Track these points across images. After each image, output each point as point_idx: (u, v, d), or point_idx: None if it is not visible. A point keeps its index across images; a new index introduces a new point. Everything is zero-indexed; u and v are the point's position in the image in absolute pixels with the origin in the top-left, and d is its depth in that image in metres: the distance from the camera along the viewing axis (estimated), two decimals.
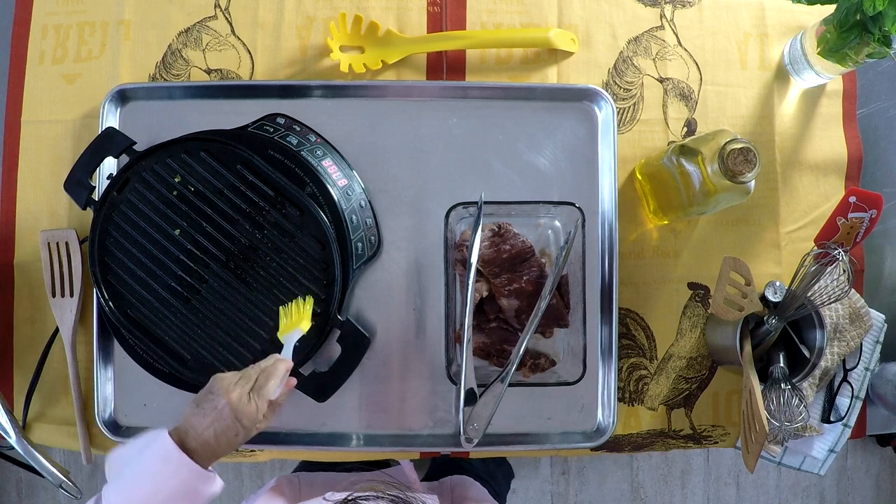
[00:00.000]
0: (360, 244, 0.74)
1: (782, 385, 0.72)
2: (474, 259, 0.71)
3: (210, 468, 0.59)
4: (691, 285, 0.81)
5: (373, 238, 0.77)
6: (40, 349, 0.78)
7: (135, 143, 0.72)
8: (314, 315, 0.70)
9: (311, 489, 0.82)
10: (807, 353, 0.75)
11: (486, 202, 0.73)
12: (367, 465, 0.87)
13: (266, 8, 0.82)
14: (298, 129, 0.77)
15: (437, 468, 1.04)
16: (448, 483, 0.88)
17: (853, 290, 0.78)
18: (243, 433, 0.60)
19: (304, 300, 0.70)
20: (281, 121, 0.77)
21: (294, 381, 0.66)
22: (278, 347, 0.69)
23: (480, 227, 0.72)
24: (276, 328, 0.69)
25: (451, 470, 0.98)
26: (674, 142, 0.82)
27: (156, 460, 0.58)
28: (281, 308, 0.70)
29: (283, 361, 0.64)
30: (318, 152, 0.75)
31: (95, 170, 0.73)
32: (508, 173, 0.79)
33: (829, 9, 0.72)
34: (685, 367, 0.81)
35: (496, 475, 1.08)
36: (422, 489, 0.81)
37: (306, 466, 1.01)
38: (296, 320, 0.69)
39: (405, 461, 0.81)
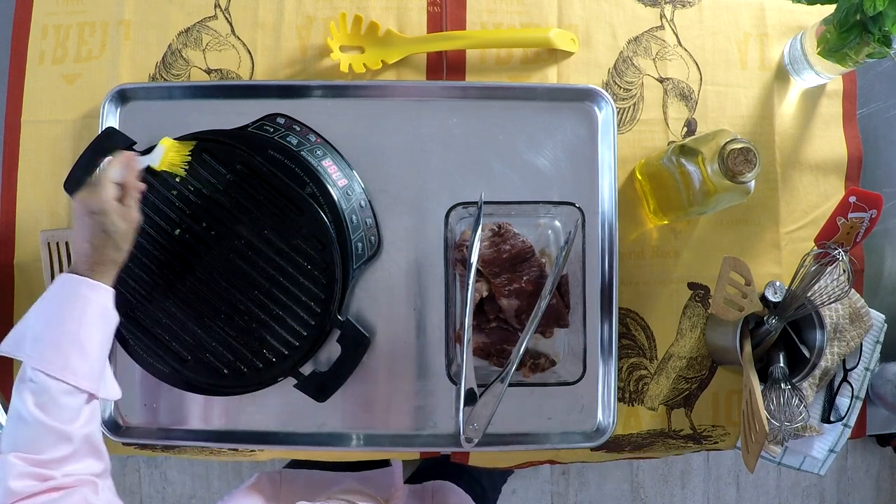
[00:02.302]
0: (360, 244, 0.74)
1: (782, 385, 0.72)
2: (474, 259, 0.71)
3: (94, 279, 0.60)
4: (691, 285, 0.81)
5: (373, 238, 0.77)
6: None
7: (135, 143, 0.72)
8: (315, 315, 0.70)
9: (292, 487, 0.81)
10: (807, 353, 0.75)
11: (486, 202, 0.73)
12: (356, 463, 0.87)
13: (266, 8, 0.82)
14: (298, 129, 0.77)
15: (427, 462, 1.04)
16: (430, 487, 0.89)
17: (853, 290, 0.78)
18: (108, 224, 0.61)
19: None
20: (281, 121, 0.77)
21: (137, 159, 0.67)
22: (278, 348, 0.69)
23: (480, 227, 0.72)
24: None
25: (438, 465, 0.98)
26: (674, 142, 0.82)
27: (61, 296, 0.59)
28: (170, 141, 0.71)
29: (124, 154, 0.66)
30: (318, 152, 0.75)
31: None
32: (508, 173, 0.79)
33: (829, 9, 0.72)
34: (685, 367, 0.81)
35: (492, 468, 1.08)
36: (404, 495, 0.81)
37: (296, 462, 1.01)
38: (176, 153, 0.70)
39: (396, 462, 0.81)
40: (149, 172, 0.71)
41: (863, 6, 0.66)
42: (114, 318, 0.62)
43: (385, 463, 0.84)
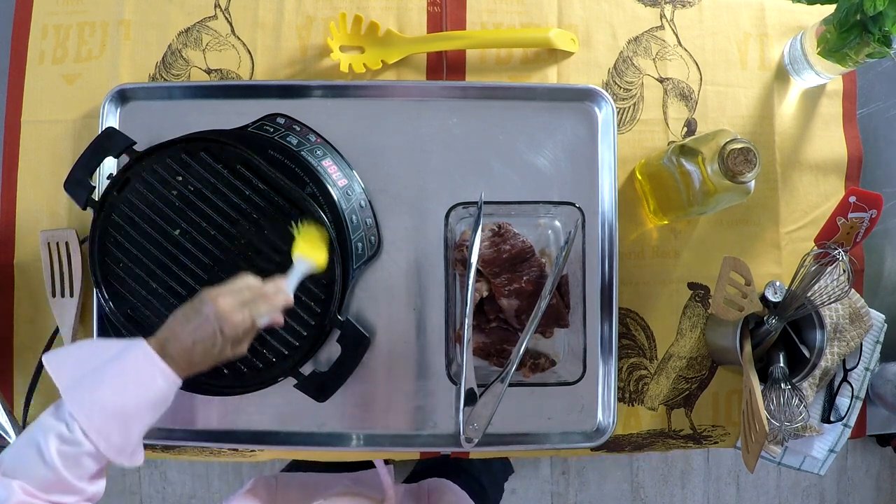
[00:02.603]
0: (360, 244, 0.74)
1: (782, 385, 0.72)
2: (474, 259, 0.71)
3: (173, 370, 0.57)
4: (691, 285, 0.81)
5: (373, 238, 0.77)
6: (40, 349, 0.78)
7: (135, 143, 0.72)
8: (315, 315, 0.70)
9: (287, 490, 0.81)
10: (807, 353, 0.75)
11: (486, 202, 0.73)
12: (355, 468, 0.87)
13: (266, 8, 0.82)
14: (298, 129, 0.77)
15: (426, 461, 1.04)
16: (426, 486, 0.88)
17: (853, 290, 0.78)
18: (220, 346, 0.59)
19: (318, 228, 0.68)
20: (281, 121, 0.77)
21: (282, 321, 0.64)
22: (278, 348, 0.69)
23: (480, 227, 0.72)
24: (277, 329, 0.69)
25: (437, 464, 0.98)
26: (674, 142, 0.82)
27: (134, 368, 0.56)
28: (296, 225, 0.68)
29: (284, 294, 0.63)
30: (318, 152, 0.75)
31: (95, 170, 0.72)
32: (508, 173, 0.79)
33: (829, 9, 0.72)
34: (685, 367, 0.81)
35: (492, 465, 1.08)
36: (398, 494, 0.81)
37: (294, 464, 1.01)
38: (310, 248, 0.67)
39: (380, 463, 0.80)
40: (147, 171, 0.71)
41: (863, 6, 0.66)
42: (167, 405, 0.59)
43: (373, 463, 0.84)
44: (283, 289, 0.64)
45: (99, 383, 0.55)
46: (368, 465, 0.86)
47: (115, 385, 0.55)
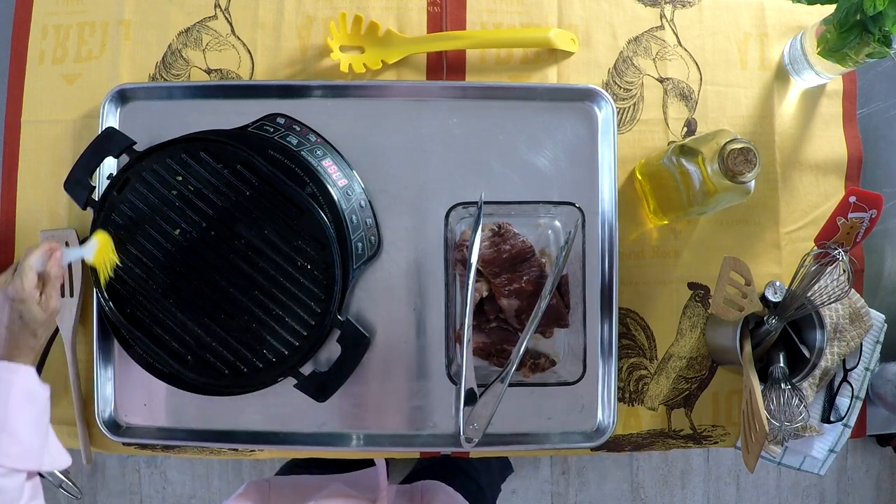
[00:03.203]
0: (360, 244, 0.74)
1: (782, 385, 0.72)
2: (474, 259, 0.71)
3: (16, 361, 0.60)
4: (691, 285, 0.81)
5: (373, 238, 0.77)
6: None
7: (135, 143, 0.72)
8: (315, 315, 0.70)
9: (280, 493, 0.81)
10: (807, 353, 0.75)
11: (486, 202, 0.73)
12: (347, 461, 0.87)
13: (266, 8, 0.82)
14: (298, 129, 0.77)
15: (423, 462, 1.04)
16: (419, 487, 0.88)
17: (853, 290, 0.78)
18: (26, 313, 0.61)
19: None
20: (281, 121, 0.77)
21: (59, 250, 0.65)
22: (278, 348, 0.69)
23: (480, 227, 0.72)
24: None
25: (433, 465, 0.98)
26: (674, 142, 0.82)
27: None
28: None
29: (47, 240, 0.65)
30: (318, 152, 0.75)
31: (95, 170, 0.72)
32: (508, 173, 0.79)
33: (829, 9, 0.72)
34: (685, 367, 0.81)
35: (491, 465, 1.08)
36: (390, 494, 0.81)
37: (296, 460, 1.00)
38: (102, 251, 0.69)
39: (380, 462, 0.81)
40: (147, 171, 0.71)
41: (863, 6, 0.66)
42: (42, 396, 0.61)
43: (372, 462, 0.84)
44: (46, 243, 0.65)
45: None
46: (368, 464, 0.86)
47: None
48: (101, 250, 0.69)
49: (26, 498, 0.57)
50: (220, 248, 0.71)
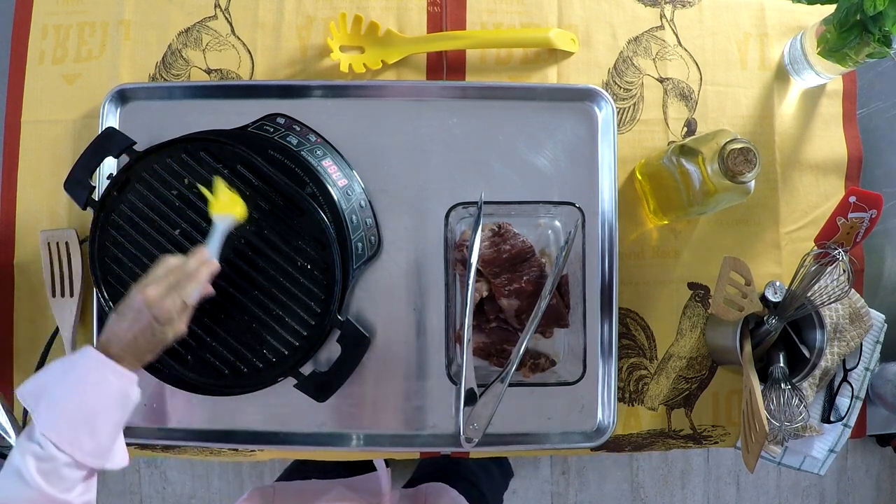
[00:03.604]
0: (360, 244, 0.74)
1: (782, 385, 0.72)
2: (474, 259, 0.71)
3: (123, 366, 0.60)
4: (691, 285, 0.81)
5: (373, 238, 0.77)
6: (40, 349, 0.78)
7: (135, 143, 0.72)
8: (315, 315, 0.70)
9: (284, 498, 0.81)
10: (807, 353, 0.75)
11: (486, 202, 0.73)
12: (357, 469, 0.87)
13: (266, 8, 0.82)
14: (298, 129, 0.77)
15: (424, 468, 1.04)
16: (423, 490, 0.88)
17: (853, 290, 0.78)
18: (159, 332, 0.61)
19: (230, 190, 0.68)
20: (281, 121, 0.77)
21: (213, 291, 0.65)
22: (278, 348, 0.68)
23: (480, 227, 0.72)
24: (277, 329, 0.69)
25: (436, 470, 0.97)
26: (674, 142, 0.82)
27: (85, 373, 0.58)
28: (206, 187, 0.68)
29: (206, 266, 0.64)
30: (318, 152, 0.75)
31: (95, 170, 0.72)
32: (508, 173, 0.79)
33: (829, 9, 0.72)
34: (685, 367, 0.81)
35: (492, 472, 1.08)
36: (394, 498, 0.81)
37: (298, 465, 1.00)
38: (225, 203, 0.67)
39: (381, 467, 0.81)
40: (147, 171, 0.71)
41: (863, 6, 0.66)
42: (132, 402, 0.61)
43: (373, 466, 0.83)
44: (206, 258, 0.65)
45: (59, 396, 0.57)
46: (370, 468, 0.86)
47: (72, 393, 0.57)
48: (223, 204, 0.67)
49: (80, 490, 0.57)
50: (220, 248, 0.71)
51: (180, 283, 0.62)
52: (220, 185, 0.68)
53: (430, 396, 0.78)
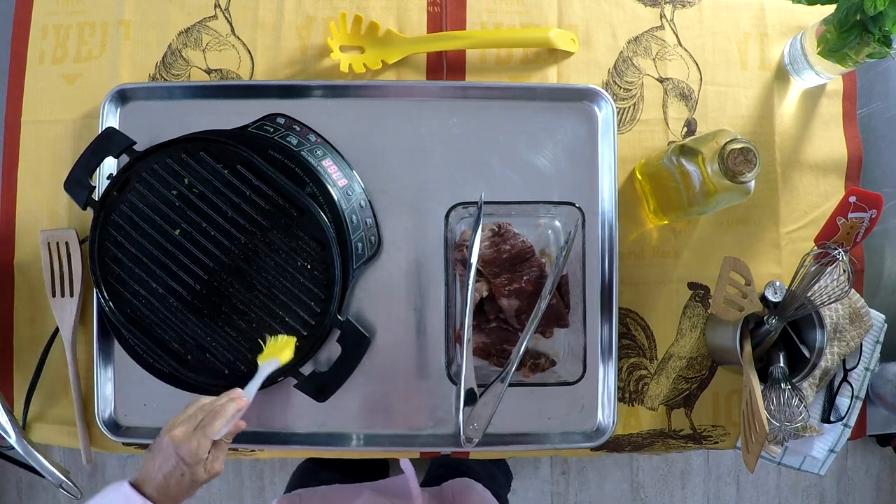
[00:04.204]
0: (360, 244, 0.74)
1: (782, 385, 0.72)
2: (474, 259, 0.71)
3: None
4: (691, 285, 0.81)
5: (373, 238, 0.77)
6: (40, 349, 0.78)
7: (135, 143, 0.72)
8: (315, 315, 0.70)
9: None
10: (807, 353, 0.75)
11: (486, 202, 0.73)
12: (368, 467, 0.87)
13: (266, 8, 0.82)
14: (298, 129, 0.77)
15: (436, 469, 1.04)
16: (449, 489, 0.88)
17: (853, 290, 0.78)
18: (189, 474, 0.59)
19: (287, 338, 0.70)
20: (281, 121, 0.77)
21: (243, 424, 0.63)
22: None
23: (480, 227, 0.72)
24: (264, 340, 0.70)
25: (451, 471, 0.97)
26: (674, 142, 0.82)
27: None
28: (269, 337, 0.70)
29: (234, 401, 0.62)
30: (318, 152, 0.75)
31: (95, 170, 0.73)
32: (508, 173, 0.79)
33: (829, 9, 0.72)
34: (685, 367, 0.81)
35: (496, 475, 1.08)
36: (423, 499, 0.81)
37: (313, 463, 1.00)
38: (275, 350, 0.68)
39: (409, 469, 0.80)
40: (147, 171, 0.71)
41: (863, 6, 0.66)
42: None
43: (386, 462, 0.83)
44: (238, 396, 0.63)
45: None
46: (381, 463, 0.85)
47: None
48: (277, 351, 0.68)
49: None
50: (220, 249, 0.71)
51: (206, 420, 0.60)
52: (277, 341, 0.69)
53: (430, 396, 0.78)
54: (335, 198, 0.71)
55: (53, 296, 0.77)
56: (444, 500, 0.86)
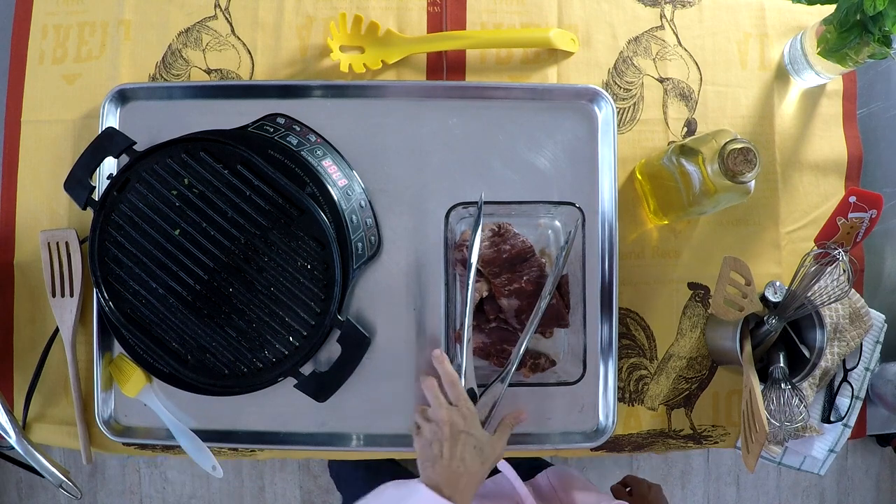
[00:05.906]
0: (360, 244, 0.74)
1: (782, 385, 0.72)
2: (474, 259, 0.71)
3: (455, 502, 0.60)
4: (691, 285, 0.81)
5: (373, 238, 0.77)
6: (40, 349, 0.78)
7: (135, 143, 0.72)
8: (315, 315, 0.70)
9: None
10: (807, 353, 0.75)
11: (486, 202, 0.73)
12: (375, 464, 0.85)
13: (266, 8, 0.82)
14: (298, 129, 0.77)
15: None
16: (546, 478, 0.87)
17: (853, 290, 0.78)
18: (473, 440, 0.64)
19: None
20: (281, 121, 0.77)
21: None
22: (278, 348, 0.68)
23: (480, 227, 0.72)
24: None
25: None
26: (674, 142, 0.82)
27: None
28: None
29: (435, 359, 0.69)
30: (318, 152, 0.75)
31: (95, 170, 0.72)
32: (508, 173, 0.79)
33: (829, 9, 0.72)
34: (685, 367, 0.81)
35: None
36: (529, 493, 0.78)
37: (366, 471, 0.98)
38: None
39: (508, 469, 0.78)
40: (147, 171, 0.71)
41: (863, 6, 0.66)
42: None
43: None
44: (437, 354, 0.70)
45: None
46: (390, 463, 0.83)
47: None
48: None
49: None
50: (220, 249, 0.71)
51: (448, 392, 0.67)
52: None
53: None
54: (335, 198, 0.71)
55: (53, 296, 0.77)
56: (541, 493, 0.84)
